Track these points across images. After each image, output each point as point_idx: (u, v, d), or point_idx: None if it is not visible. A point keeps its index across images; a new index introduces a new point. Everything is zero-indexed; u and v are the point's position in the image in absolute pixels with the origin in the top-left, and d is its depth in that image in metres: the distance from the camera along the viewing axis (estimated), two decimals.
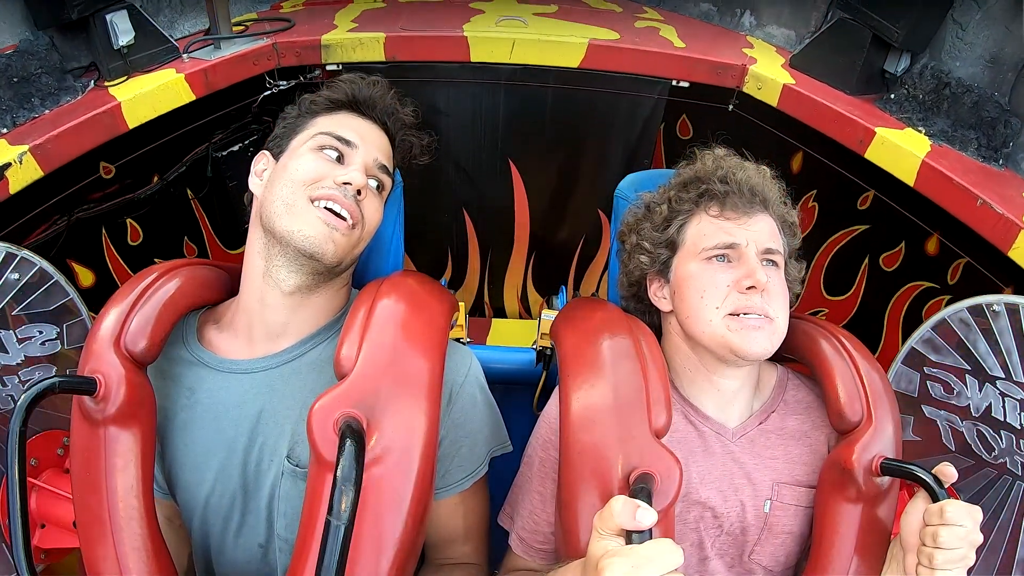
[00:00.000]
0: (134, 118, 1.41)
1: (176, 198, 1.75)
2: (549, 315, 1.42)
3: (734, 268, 0.94)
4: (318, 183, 0.92)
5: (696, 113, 1.92)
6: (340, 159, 0.97)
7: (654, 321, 1.07)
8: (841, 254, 1.77)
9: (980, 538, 0.78)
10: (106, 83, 1.43)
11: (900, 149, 1.35)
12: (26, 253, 1.01)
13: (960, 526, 0.76)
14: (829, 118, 1.50)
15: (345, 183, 0.92)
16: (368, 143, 1.00)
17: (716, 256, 0.96)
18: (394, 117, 1.07)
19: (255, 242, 0.95)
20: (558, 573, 0.82)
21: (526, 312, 2.41)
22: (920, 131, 1.40)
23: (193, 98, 1.53)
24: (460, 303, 1.21)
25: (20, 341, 1.03)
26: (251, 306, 0.96)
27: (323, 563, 0.65)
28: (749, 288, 0.92)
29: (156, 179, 1.67)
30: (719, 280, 0.94)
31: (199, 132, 1.73)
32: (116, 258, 1.63)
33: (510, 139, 2.00)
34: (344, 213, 0.92)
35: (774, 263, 0.98)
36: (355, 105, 1.04)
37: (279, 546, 0.93)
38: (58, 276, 1.04)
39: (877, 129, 1.39)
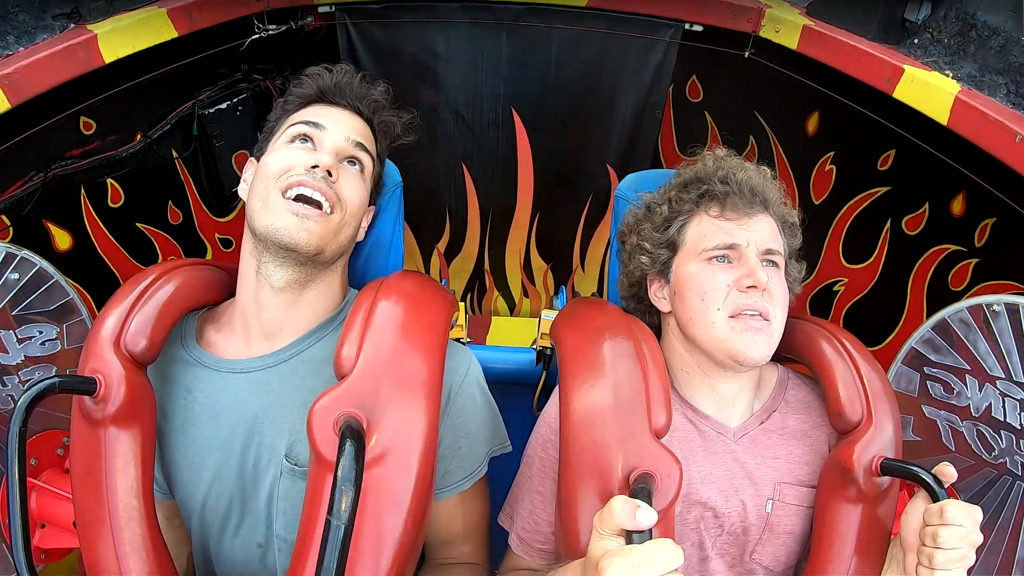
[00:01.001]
0: (111, 52, 1.31)
1: (160, 158, 1.65)
2: (549, 315, 1.41)
3: (734, 268, 0.94)
4: (288, 172, 0.93)
5: (707, 70, 1.82)
6: (314, 147, 0.98)
7: (654, 322, 1.07)
8: (861, 219, 1.66)
9: (980, 538, 0.78)
10: (86, 23, 1.33)
11: (931, 86, 1.26)
12: (26, 253, 1.01)
13: (960, 526, 0.76)
14: (854, 57, 1.40)
15: (313, 167, 0.93)
16: (338, 124, 1.01)
17: (716, 257, 0.96)
18: (366, 100, 1.07)
19: (247, 243, 0.96)
20: (558, 573, 0.82)
21: (529, 280, 2.29)
22: (947, 75, 1.31)
23: (175, 35, 1.43)
24: (460, 303, 1.20)
25: (20, 341, 1.03)
26: (247, 305, 0.97)
27: (323, 563, 0.65)
28: (749, 287, 0.92)
29: (139, 137, 1.59)
30: (719, 281, 0.94)
31: (184, 84, 1.63)
32: (95, 220, 1.52)
33: (513, 86, 1.88)
34: (317, 196, 0.92)
35: (774, 264, 0.98)
36: (323, 95, 1.05)
37: (278, 546, 0.93)
38: (58, 276, 1.04)
39: (906, 67, 1.31)
